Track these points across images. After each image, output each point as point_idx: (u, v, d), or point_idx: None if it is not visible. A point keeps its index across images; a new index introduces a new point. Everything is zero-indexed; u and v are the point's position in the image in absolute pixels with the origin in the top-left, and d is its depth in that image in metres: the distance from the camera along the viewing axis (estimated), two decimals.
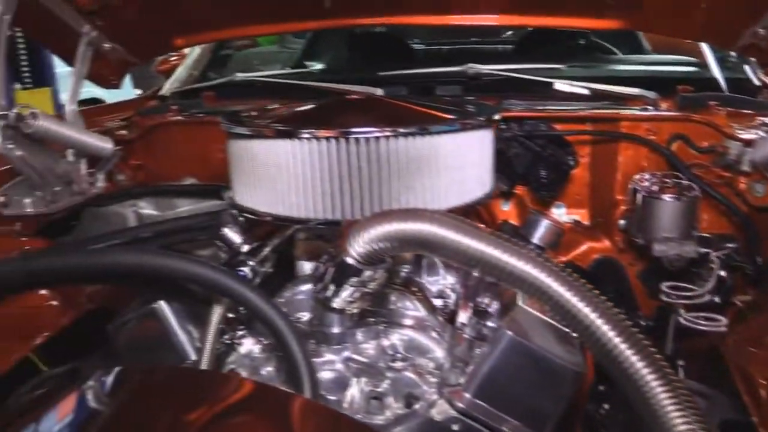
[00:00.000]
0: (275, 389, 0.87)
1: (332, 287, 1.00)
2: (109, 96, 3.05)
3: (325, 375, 1.04)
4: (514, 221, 1.70)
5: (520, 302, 1.01)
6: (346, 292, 0.99)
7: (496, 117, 1.21)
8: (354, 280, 0.97)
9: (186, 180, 1.87)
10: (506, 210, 1.76)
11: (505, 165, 1.63)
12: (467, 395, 0.96)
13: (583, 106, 1.72)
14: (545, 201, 1.71)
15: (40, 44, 1.74)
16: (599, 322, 0.82)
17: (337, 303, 1.02)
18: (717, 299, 1.38)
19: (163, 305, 1.09)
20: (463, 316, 1.19)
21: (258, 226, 1.32)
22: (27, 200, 1.61)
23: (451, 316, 1.26)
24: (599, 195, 1.72)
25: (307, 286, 1.18)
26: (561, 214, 1.74)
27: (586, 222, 1.75)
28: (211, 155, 1.96)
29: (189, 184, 1.83)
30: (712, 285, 1.36)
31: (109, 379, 0.80)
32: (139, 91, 5.28)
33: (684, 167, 1.54)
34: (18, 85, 3.53)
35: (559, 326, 1.01)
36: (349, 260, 0.93)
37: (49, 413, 0.79)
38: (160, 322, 1.10)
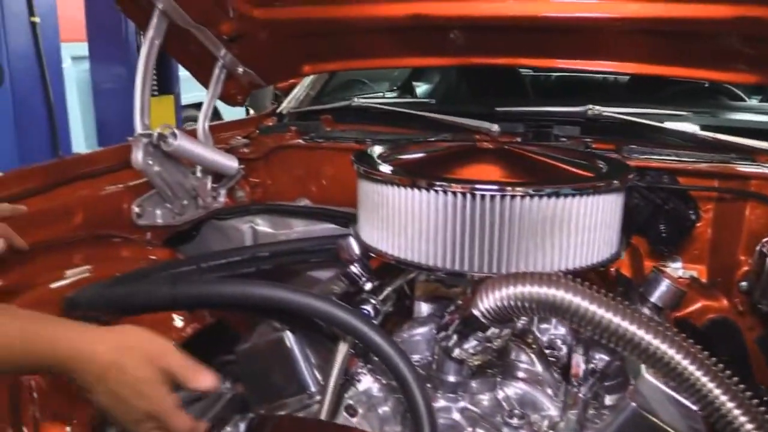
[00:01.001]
0: None
1: (455, 337, 1.03)
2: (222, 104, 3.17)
3: (440, 422, 1.06)
4: (625, 271, 1.67)
5: (644, 372, 1.00)
6: (470, 345, 1.01)
7: (630, 176, 1.19)
8: (479, 335, 0.99)
9: (300, 200, 1.95)
10: (620, 259, 1.72)
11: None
12: None
13: (709, 158, 1.66)
14: (662, 254, 1.66)
15: (178, 63, 1.85)
16: (735, 411, 0.83)
17: (458, 353, 1.04)
18: None
19: (289, 335, 1.14)
20: (576, 373, 1.18)
21: (373, 260, 1.36)
22: (158, 212, 1.73)
23: (562, 369, 1.26)
24: (720, 252, 1.65)
25: (424, 329, 1.21)
26: (677, 268, 1.68)
27: (703, 279, 1.69)
28: (324, 177, 2.03)
29: (304, 206, 1.90)
30: None
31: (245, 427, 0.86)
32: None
33: None
34: None
35: (683, 400, 0.99)
36: (477, 315, 0.95)
37: None
38: (283, 351, 1.14)
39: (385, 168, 1.18)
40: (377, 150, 1.34)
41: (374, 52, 1.82)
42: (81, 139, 4.26)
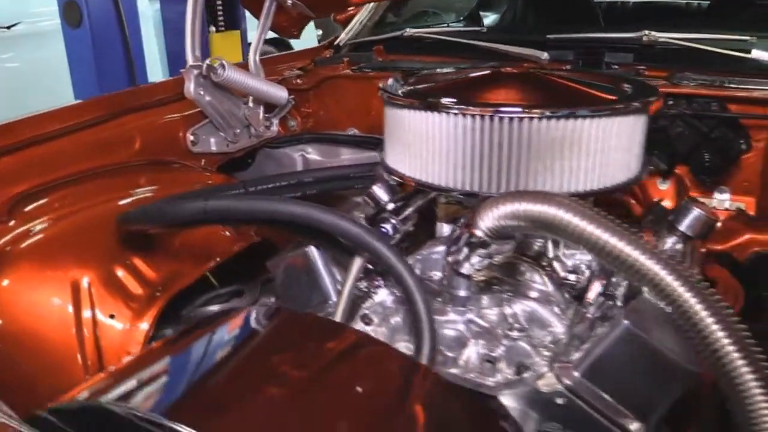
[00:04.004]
0: (394, 351, 0.98)
1: (463, 253, 1.07)
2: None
3: (447, 332, 1.12)
4: (670, 201, 1.64)
5: (645, 294, 1.01)
6: (474, 260, 1.06)
7: (653, 99, 1.17)
8: (482, 251, 1.03)
9: (350, 130, 2.01)
10: (663, 189, 1.68)
11: (666, 143, 1.56)
12: (576, 373, 0.99)
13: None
14: (706, 185, 1.62)
15: None
16: (714, 325, 0.81)
17: (465, 269, 1.09)
18: None
19: (312, 250, 1.22)
20: (590, 295, 1.20)
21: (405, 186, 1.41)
22: (212, 140, 1.84)
23: (581, 293, 1.28)
24: None
25: (442, 247, 1.26)
26: (724, 200, 1.63)
27: (751, 212, 1.64)
28: (372, 107, 2.07)
29: (351, 135, 1.97)
30: None
31: (266, 311, 0.97)
32: (320, 32, 5.55)
33: None
34: (212, 29, 3.90)
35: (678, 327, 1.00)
36: (478, 233, 0.99)
37: (223, 325, 0.98)
38: (308, 264, 1.23)
39: (405, 93, 1.22)
40: (405, 78, 1.37)
41: None
42: (160, 77, 4.48)
